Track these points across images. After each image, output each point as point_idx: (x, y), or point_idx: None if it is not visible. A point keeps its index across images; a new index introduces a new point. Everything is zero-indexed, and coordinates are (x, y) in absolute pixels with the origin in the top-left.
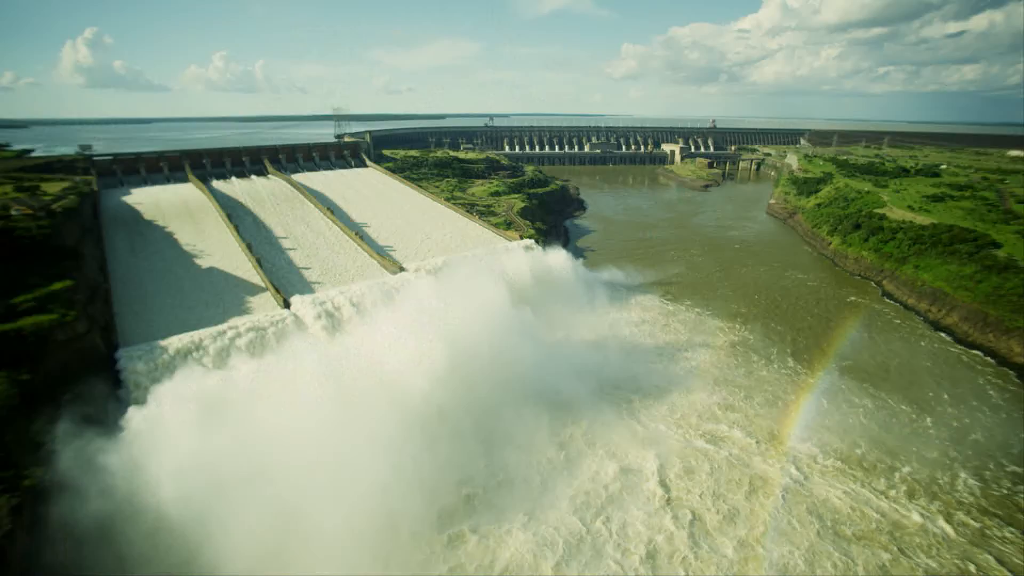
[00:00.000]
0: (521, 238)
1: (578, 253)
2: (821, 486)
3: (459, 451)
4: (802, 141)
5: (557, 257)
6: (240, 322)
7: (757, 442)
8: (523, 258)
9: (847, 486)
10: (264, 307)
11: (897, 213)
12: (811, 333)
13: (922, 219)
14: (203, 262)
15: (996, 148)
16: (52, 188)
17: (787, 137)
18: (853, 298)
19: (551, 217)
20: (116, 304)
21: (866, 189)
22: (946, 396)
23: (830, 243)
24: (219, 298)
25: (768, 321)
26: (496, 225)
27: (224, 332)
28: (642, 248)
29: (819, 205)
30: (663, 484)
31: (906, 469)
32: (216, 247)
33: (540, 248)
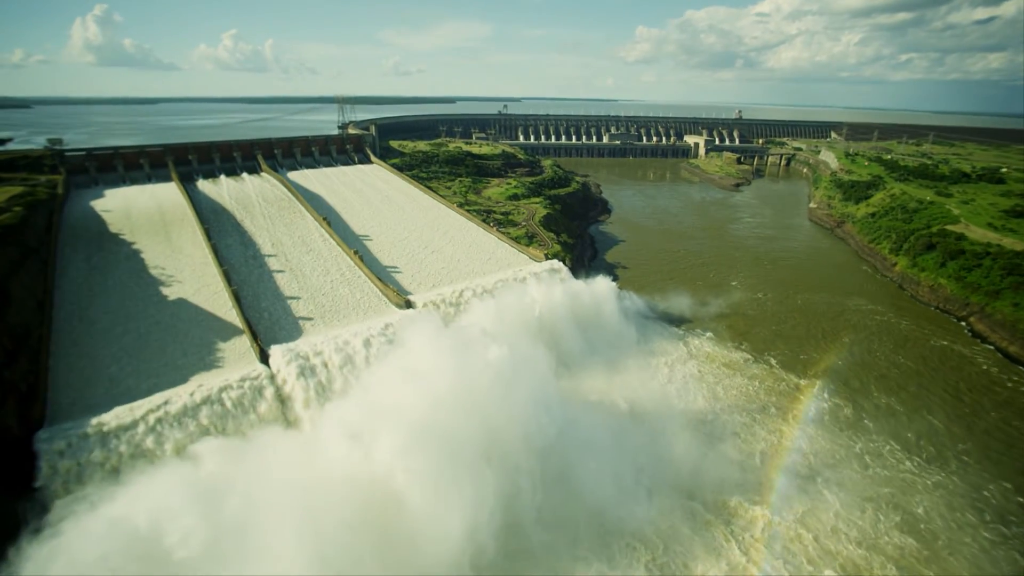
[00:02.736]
0: (546, 256)
1: (609, 271)
2: None
3: None
4: (833, 135)
5: (599, 290)
6: (201, 386)
7: None
8: (558, 292)
9: None
10: (238, 357)
11: (976, 232)
12: (907, 398)
13: (1010, 241)
14: (171, 291)
15: None
16: None
17: (816, 130)
18: (936, 340)
19: (575, 224)
20: (54, 355)
21: (928, 199)
22: None
23: (894, 264)
24: (185, 344)
25: (851, 376)
26: (517, 239)
27: (181, 416)
28: (680, 264)
29: (873, 215)
30: None
31: None
32: (189, 271)
33: (570, 273)
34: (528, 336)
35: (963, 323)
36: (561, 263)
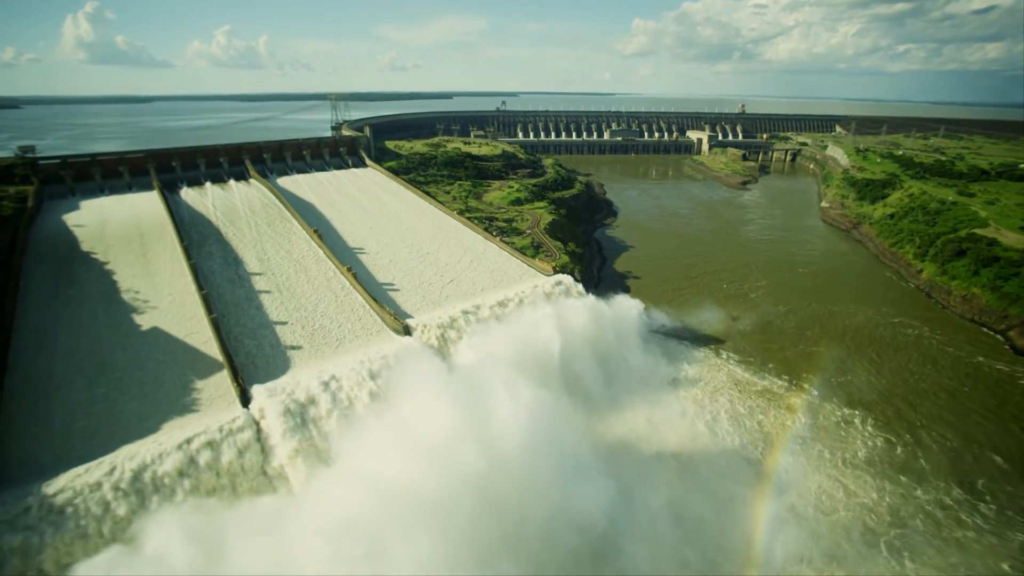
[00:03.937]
0: (555, 269)
1: (620, 281)
2: None
3: None
4: (838, 128)
5: (622, 312)
6: (170, 440)
7: None
8: (578, 318)
9: None
10: (216, 399)
11: (1009, 237)
12: (956, 428)
13: None
14: (145, 320)
15: None
16: None
17: (820, 124)
18: (974, 357)
19: (581, 229)
20: (7, 399)
21: (951, 199)
22: None
23: (920, 270)
24: (156, 383)
25: (893, 403)
26: (522, 249)
27: (141, 481)
28: (693, 272)
29: (892, 216)
30: None
31: None
32: (166, 294)
33: (583, 288)
34: (547, 375)
35: (1001, 337)
36: (571, 277)
